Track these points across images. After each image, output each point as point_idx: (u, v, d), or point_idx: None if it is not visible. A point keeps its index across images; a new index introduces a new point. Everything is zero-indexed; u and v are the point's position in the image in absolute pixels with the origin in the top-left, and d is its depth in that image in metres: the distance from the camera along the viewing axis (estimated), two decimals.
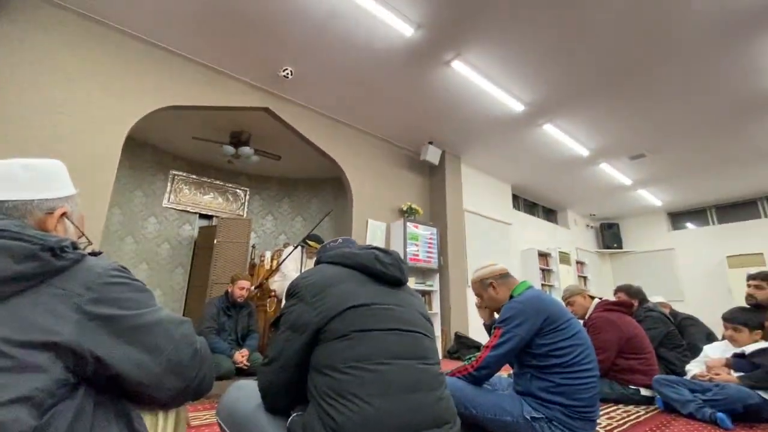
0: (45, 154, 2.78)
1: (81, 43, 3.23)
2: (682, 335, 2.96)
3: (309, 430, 0.87)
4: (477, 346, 4.74)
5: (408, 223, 4.98)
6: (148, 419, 0.75)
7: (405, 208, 5.21)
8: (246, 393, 1.08)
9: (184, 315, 2.19)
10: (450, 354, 4.84)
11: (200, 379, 0.75)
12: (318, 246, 3.48)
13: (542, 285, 6.84)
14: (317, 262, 1.15)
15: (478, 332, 5.21)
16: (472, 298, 5.51)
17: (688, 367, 2.36)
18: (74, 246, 0.66)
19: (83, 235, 0.81)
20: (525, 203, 7.94)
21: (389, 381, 0.88)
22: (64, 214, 0.76)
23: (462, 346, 4.84)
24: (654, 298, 3.63)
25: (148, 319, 0.68)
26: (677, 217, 8.63)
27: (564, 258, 7.46)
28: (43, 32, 3.06)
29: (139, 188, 5.75)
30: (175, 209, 6.09)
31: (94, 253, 0.70)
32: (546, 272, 7.08)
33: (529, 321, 1.45)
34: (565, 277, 7.22)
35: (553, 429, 1.39)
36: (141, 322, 0.67)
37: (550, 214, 8.58)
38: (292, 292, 1.02)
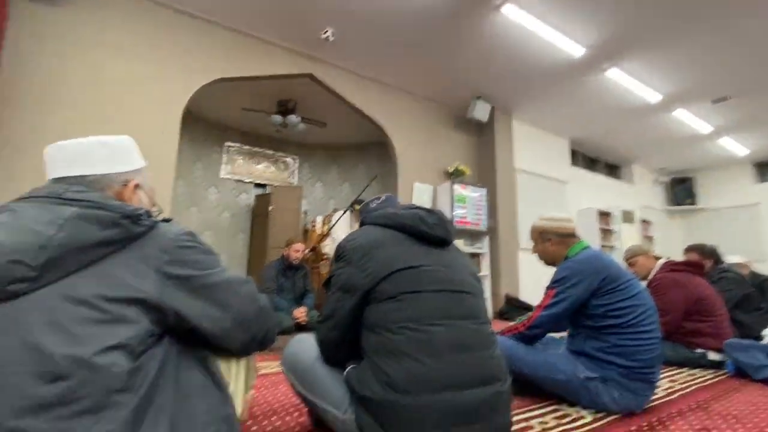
0: (113, 132, 3.11)
1: (136, 21, 3.34)
2: (762, 297, 2.78)
3: (363, 382, 0.91)
4: (528, 308, 4.71)
5: (455, 185, 4.88)
6: (223, 364, 0.82)
7: (452, 170, 5.11)
8: (306, 346, 1.13)
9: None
10: (500, 315, 4.85)
11: (264, 333, 0.83)
12: None
13: (602, 246, 6.50)
14: (361, 224, 1.17)
15: (529, 294, 5.17)
16: (523, 260, 5.41)
17: (766, 331, 2.23)
18: (148, 214, 0.72)
19: (155, 204, 0.87)
20: (584, 159, 7.42)
21: (439, 341, 0.90)
22: (137, 186, 0.82)
23: (512, 307, 4.84)
24: (731, 258, 3.43)
25: (216, 279, 0.75)
26: (766, 168, 7.61)
27: (627, 217, 6.97)
28: (101, 11, 3.19)
29: (199, 160, 6.07)
30: (231, 179, 6.36)
31: (165, 220, 0.76)
32: (606, 233, 6.69)
33: (585, 281, 1.42)
34: (627, 238, 6.79)
35: (609, 389, 1.39)
36: (211, 281, 0.74)
37: (612, 169, 7.96)
38: (339, 254, 1.04)
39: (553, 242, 1.62)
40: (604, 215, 6.70)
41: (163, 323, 0.68)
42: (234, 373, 0.85)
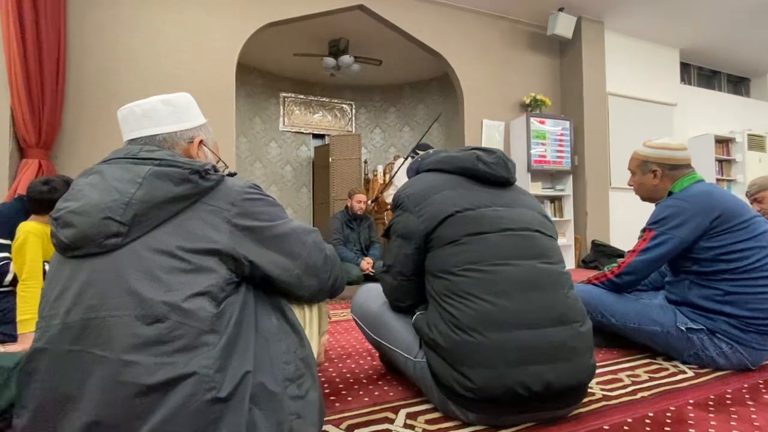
0: (173, 91, 3.34)
1: None
2: None
3: (432, 326, 0.95)
4: (619, 255, 4.29)
5: (532, 119, 4.51)
6: (296, 310, 0.88)
7: (528, 101, 4.68)
8: (374, 294, 1.23)
9: None
10: (586, 264, 4.60)
11: (333, 280, 0.90)
12: None
13: (717, 180, 5.51)
14: (416, 172, 1.18)
15: (620, 240, 4.76)
16: (615, 202, 4.96)
17: None
18: (215, 169, 0.77)
19: (220, 159, 0.92)
20: (700, 74, 6.18)
21: (507, 280, 0.91)
22: (201, 142, 0.87)
23: (601, 254, 4.55)
24: None
25: (283, 229, 0.81)
26: None
27: (756, 143, 5.75)
28: None
29: (257, 115, 6.20)
30: (290, 132, 6.49)
31: (231, 174, 0.81)
32: (724, 163, 5.65)
33: (693, 221, 1.30)
34: (754, 168, 5.63)
35: (716, 342, 1.30)
36: (278, 231, 0.79)
37: (737, 84, 6.56)
38: (397, 203, 1.08)
39: (657, 174, 1.47)
40: (723, 142, 5.69)
41: (240, 272, 0.74)
42: (308, 319, 0.91)
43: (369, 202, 4.02)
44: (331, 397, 1.13)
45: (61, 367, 0.63)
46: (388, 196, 4.42)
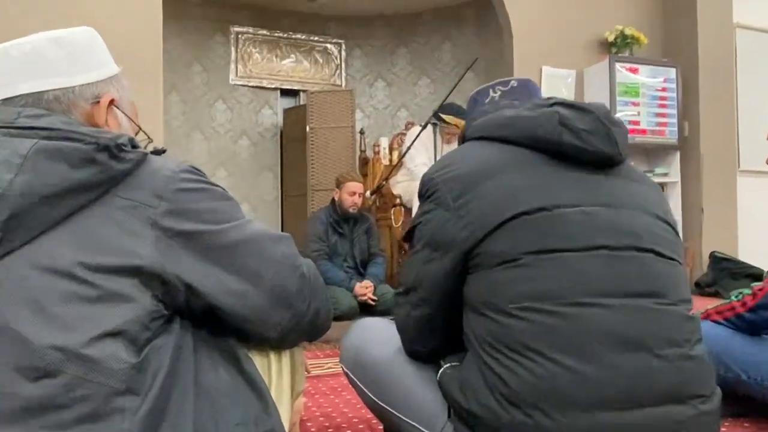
0: (74, 24, 3.58)
1: None
2: None
3: (468, 391, 0.93)
4: (754, 275, 4.33)
5: (618, 66, 4.59)
6: (258, 359, 0.90)
7: (612, 39, 4.74)
8: (377, 335, 1.23)
9: None
10: (700, 287, 4.64)
11: (314, 313, 0.91)
12: (458, 122, 3.58)
13: None
14: (462, 139, 1.19)
15: (754, 252, 4.79)
16: (745, 192, 5.01)
17: None
18: (133, 144, 0.77)
19: (140, 128, 0.95)
20: None
21: (591, 331, 0.89)
22: (112, 102, 0.89)
23: (723, 274, 4.60)
24: None
25: (238, 235, 0.82)
26: None
27: None
28: None
29: (196, 60, 6.22)
30: (247, 86, 6.35)
31: (157, 152, 0.83)
32: None
33: None
34: None
35: None
36: (230, 239, 0.81)
37: None
38: (426, 191, 1.06)
39: None
40: None
41: (172, 301, 0.75)
42: (275, 372, 0.93)
43: (368, 194, 3.92)
44: None
45: None
46: (397, 185, 4.35)
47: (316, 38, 6.70)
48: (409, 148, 4.04)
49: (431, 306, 1.04)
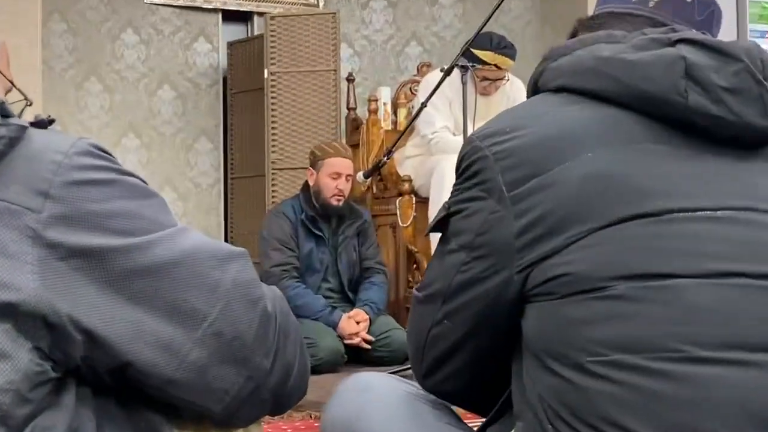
0: None
1: None
2: None
3: None
4: None
5: None
6: None
7: None
8: (380, 405, 1.07)
9: (227, 241, 2.50)
10: None
11: (282, 372, 0.76)
12: (503, 61, 3.46)
13: None
14: (534, 90, 0.99)
15: None
16: None
17: None
18: (3, 111, 0.65)
19: (13, 85, 0.93)
20: None
21: (722, 403, 0.70)
22: None
23: None
24: None
25: (163, 254, 0.67)
26: None
27: None
28: None
29: None
30: (171, 6, 5.18)
31: (39, 123, 0.70)
32: None
33: None
34: None
35: None
36: (152, 259, 0.66)
37: None
38: (468, 166, 0.89)
39: None
40: None
41: (63, 357, 0.62)
42: None
43: (360, 176, 3.59)
44: None
45: None
46: (406, 162, 3.95)
47: None
48: (424, 104, 3.42)
49: (462, 330, 0.87)
